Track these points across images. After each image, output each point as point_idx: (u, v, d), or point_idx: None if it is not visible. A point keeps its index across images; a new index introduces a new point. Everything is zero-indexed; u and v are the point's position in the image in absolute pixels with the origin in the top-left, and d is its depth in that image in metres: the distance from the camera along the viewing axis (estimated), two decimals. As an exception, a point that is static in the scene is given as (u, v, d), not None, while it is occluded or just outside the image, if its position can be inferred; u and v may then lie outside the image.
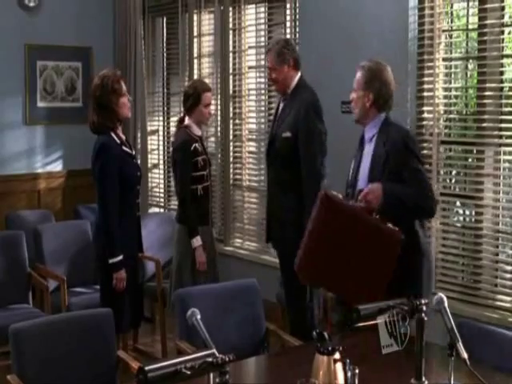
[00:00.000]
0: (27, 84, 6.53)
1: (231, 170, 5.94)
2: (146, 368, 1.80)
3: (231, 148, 5.93)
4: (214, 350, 1.93)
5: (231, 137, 5.90)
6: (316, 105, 4.09)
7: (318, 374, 2.16)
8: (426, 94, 4.52)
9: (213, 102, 4.85)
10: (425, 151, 4.54)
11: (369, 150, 3.42)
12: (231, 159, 5.93)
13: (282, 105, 4.20)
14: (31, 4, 6.44)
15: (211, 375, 1.92)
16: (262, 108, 5.78)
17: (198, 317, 2.22)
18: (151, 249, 5.24)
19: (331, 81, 4.94)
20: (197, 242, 4.38)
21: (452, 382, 2.32)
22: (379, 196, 3.17)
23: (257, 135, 5.83)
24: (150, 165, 6.79)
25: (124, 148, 3.98)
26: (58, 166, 6.78)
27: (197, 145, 4.41)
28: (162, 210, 6.70)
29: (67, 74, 6.74)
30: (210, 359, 1.87)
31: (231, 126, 5.92)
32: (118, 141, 3.95)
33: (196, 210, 4.43)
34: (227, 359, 1.86)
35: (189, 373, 1.84)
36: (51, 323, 2.98)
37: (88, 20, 6.75)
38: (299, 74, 4.15)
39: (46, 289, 4.59)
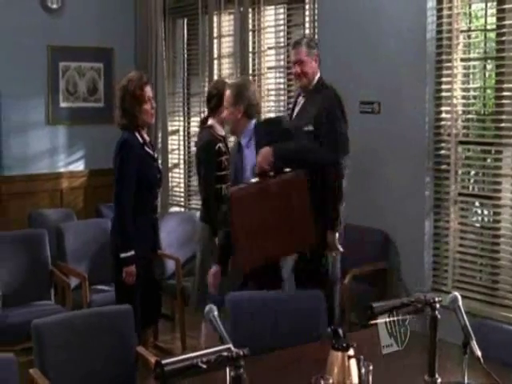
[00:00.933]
0: (50, 85, 6.63)
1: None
2: (163, 362, 1.84)
3: None
4: (231, 346, 1.97)
5: None
6: (339, 99, 4.07)
7: (332, 370, 2.20)
8: (444, 94, 4.56)
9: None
10: (443, 151, 4.61)
11: (249, 152, 3.83)
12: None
13: (301, 101, 4.17)
14: (54, 6, 6.54)
15: (227, 370, 1.97)
16: (282, 108, 5.82)
17: (215, 313, 2.28)
18: (171, 247, 5.35)
19: (350, 81, 4.97)
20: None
21: (466, 379, 2.36)
22: (268, 157, 3.69)
23: None
24: (170, 164, 6.86)
25: (146, 149, 4.02)
26: (79, 166, 6.88)
27: (220, 145, 4.45)
28: (182, 209, 6.77)
29: (89, 74, 6.84)
30: (225, 353, 1.92)
31: None
32: (141, 141, 4.00)
33: (220, 209, 4.48)
34: (242, 353, 1.90)
35: (205, 367, 1.87)
36: (72, 319, 3.06)
37: (110, 21, 6.84)
38: (319, 73, 4.16)
39: (68, 286, 4.70)
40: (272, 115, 5.87)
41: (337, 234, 3.96)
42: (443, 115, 4.58)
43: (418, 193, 4.67)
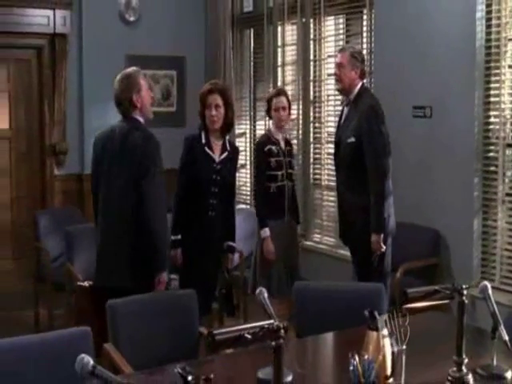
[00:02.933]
0: None
1: (311, 170, 6.17)
2: (214, 332, 2.10)
3: (311, 150, 6.16)
4: (273, 321, 2.19)
5: (311, 139, 6.13)
6: (377, 108, 4.21)
7: (367, 348, 2.32)
8: (492, 99, 4.62)
9: (295, 106, 5.10)
10: (491, 154, 4.67)
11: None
12: (311, 160, 6.16)
13: (346, 111, 4.37)
14: (131, 19, 6.82)
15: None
16: (340, 113, 5.97)
17: (265, 295, 2.54)
18: (236, 241, 5.65)
19: (403, 87, 5.12)
20: (264, 233, 4.70)
21: (495, 362, 2.52)
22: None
23: (335, 138, 6.09)
24: (238, 165, 7.08)
25: (206, 149, 4.25)
26: None
27: (273, 147, 4.72)
28: (248, 207, 6.95)
29: (163, 81, 7.08)
30: (267, 326, 2.14)
31: (311, 129, 6.14)
32: (204, 141, 4.29)
33: (268, 205, 4.73)
34: (282, 326, 2.12)
35: (250, 337, 2.11)
36: (142, 300, 3.31)
37: (182, 32, 7.02)
38: (361, 82, 4.30)
39: None
40: (331, 119, 6.04)
41: (381, 236, 4.15)
42: (491, 119, 4.65)
43: (468, 193, 4.74)
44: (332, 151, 5.94)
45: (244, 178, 7.19)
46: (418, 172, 5.11)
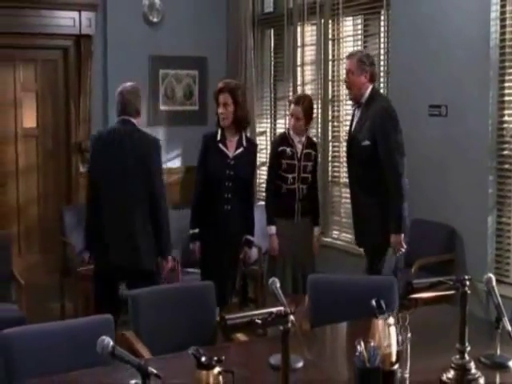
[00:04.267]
0: (151, 90, 6.94)
1: (330, 168, 6.23)
2: (227, 317, 2.24)
3: (330, 148, 6.22)
4: (282, 307, 2.32)
5: (330, 137, 6.19)
6: (390, 110, 4.29)
7: (374, 337, 2.40)
8: (506, 98, 4.67)
9: (314, 106, 5.08)
10: (505, 152, 4.73)
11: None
12: (330, 158, 6.22)
13: (357, 113, 4.43)
14: (155, 20, 6.88)
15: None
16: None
17: (278, 285, 2.67)
18: (255, 237, 5.76)
19: (419, 86, 5.19)
20: (270, 230, 4.80)
21: (498, 351, 2.63)
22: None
23: (347, 140, 6.10)
24: (258, 163, 6.79)
25: (220, 145, 4.43)
26: (176, 163, 7.18)
27: (287, 149, 4.77)
28: None
29: (185, 81, 7.13)
30: (276, 311, 2.28)
31: (330, 128, 6.19)
32: (219, 138, 4.45)
33: (278, 204, 4.81)
34: (289, 311, 2.26)
35: (260, 322, 2.23)
36: (163, 291, 3.49)
37: (204, 33, 7.06)
38: (372, 85, 4.36)
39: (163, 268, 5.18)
40: (349, 118, 6.15)
41: (402, 235, 4.23)
42: (506, 118, 4.70)
43: (482, 190, 4.80)
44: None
45: (264, 176, 7.15)
46: (433, 170, 5.18)
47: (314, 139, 5.38)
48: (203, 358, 2.05)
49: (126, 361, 2.02)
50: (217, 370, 2.05)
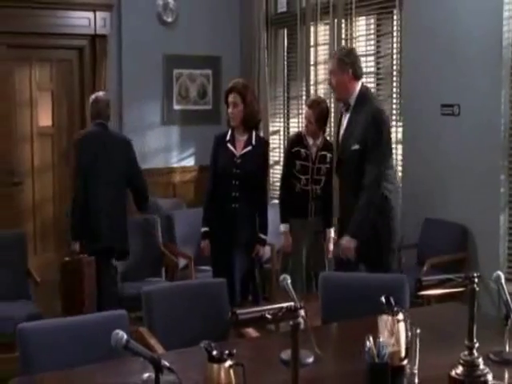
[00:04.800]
0: (165, 89, 6.99)
1: None
2: (238, 311, 2.26)
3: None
4: (293, 303, 2.33)
5: None
6: (381, 113, 4.14)
7: (383, 332, 2.45)
8: None
9: (328, 110, 5.05)
10: None
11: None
12: None
13: (347, 116, 4.25)
14: (169, 19, 6.92)
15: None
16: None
17: (289, 282, 2.72)
18: (269, 235, 5.80)
19: (432, 85, 5.22)
20: (282, 227, 4.86)
21: (507, 348, 2.66)
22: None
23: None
24: (271, 162, 7.00)
25: (228, 144, 4.52)
26: (190, 162, 7.23)
27: (302, 150, 4.79)
28: None
29: (199, 80, 7.19)
30: (286, 306, 2.30)
31: None
32: (228, 137, 4.54)
33: (291, 203, 4.85)
34: (299, 306, 2.28)
35: (270, 317, 2.26)
36: (175, 288, 3.53)
37: (218, 32, 7.12)
38: (359, 84, 4.17)
39: (176, 266, 5.23)
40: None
41: (355, 242, 4.04)
42: None
43: (494, 189, 4.84)
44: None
45: (278, 175, 7.15)
46: (445, 169, 5.22)
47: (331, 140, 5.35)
48: (214, 352, 2.10)
49: (140, 354, 2.07)
50: (228, 363, 2.09)
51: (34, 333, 2.79)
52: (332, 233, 4.96)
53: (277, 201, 7.02)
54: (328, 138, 5.41)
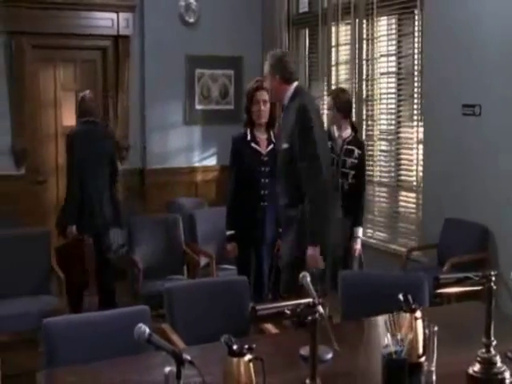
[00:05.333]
0: (187, 89, 7.09)
1: None
2: (257, 307, 2.34)
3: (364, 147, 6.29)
4: (312, 299, 2.37)
5: (364, 136, 6.18)
6: (306, 107, 4.01)
7: (401, 329, 2.44)
8: None
9: (347, 99, 5.06)
10: None
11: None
12: None
13: (282, 117, 4.28)
14: (191, 20, 7.01)
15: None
16: (392, 110, 6.01)
17: (308, 279, 2.71)
18: None
19: (453, 85, 5.22)
20: None
21: None
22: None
23: (387, 135, 6.11)
24: None
25: (252, 144, 4.54)
26: (212, 161, 7.31)
27: (328, 142, 4.78)
28: None
29: (221, 80, 7.27)
30: (305, 302, 2.35)
31: (364, 127, 6.21)
32: (249, 137, 4.56)
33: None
34: (317, 302, 2.33)
35: (289, 312, 2.33)
36: (197, 284, 3.58)
37: (239, 33, 7.19)
38: (293, 85, 4.09)
39: (198, 264, 5.28)
40: (384, 117, 6.18)
41: (318, 248, 3.96)
42: None
43: None
44: (384, 148, 6.17)
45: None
46: (466, 169, 5.21)
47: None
48: (235, 346, 2.14)
49: (161, 347, 2.11)
50: (248, 357, 2.13)
51: (59, 327, 2.85)
52: (360, 232, 4.97)
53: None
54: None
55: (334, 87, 6.44)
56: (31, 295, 4.87)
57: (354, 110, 6.12)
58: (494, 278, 2.51)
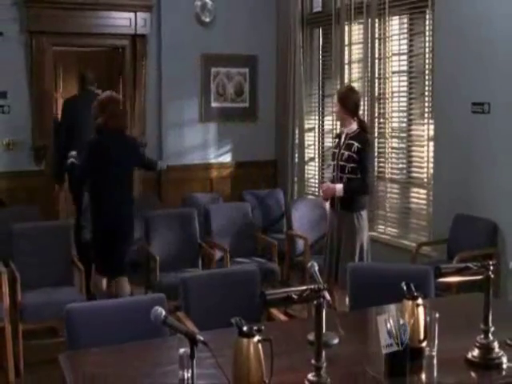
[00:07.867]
0: (203, 87, 7.21)
1: (376, 164, 6.28)
2: (266, 292, 2.44)
3: (376, 144, 6.29)
4: (318, 285, 2.47)
5: (376, 134, 6.28)
6: None
7: (403, 315, 2.59)
8: None
9: (361, 103, 5.05)
10: None
11: None
12: (376, 154, 6.27)
13: None
14: (207, 20, 7.14)
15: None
16: (404, 108, 6.09)
17: (316, 268, 2.81)
18: (302, 228, 5.93)
19: (462, 83, 5.30)
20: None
21: None
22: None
23: (398, 133, 6.18)
24: (306, 158, 7.25)
25: None
26: (227, 158, 7.42)
27: (336, 139, 4.97)
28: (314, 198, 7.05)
29: (236, 78, 7.37)
30: (311, 287, 2.44)
31: (376, 125, 6.29)
32: None
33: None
34: (322, 287, 2.42)
35: (296, 297, 2.41)
36: (210, 275, 3.71)
37: (254, 32, 7.29)
38: None
39: (213, 257, 5.36)
40: (396, 115, 6.24)
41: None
42: None
43: None
44: (396, 145, 6.24)
45: (312, 171, 7.41)
46: (475, 166, 5.29)
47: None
48: (245, 328, 2.27)
49: (176, 328, 2.25)
50: (256, 338, 2.26)
51: (80, 313, 2.99)
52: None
53: (312, 197, 7.20)
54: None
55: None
56: (53, 286, 4.95)
57: (366, 108, 6.32)
58: (492, 268, 2.62)
